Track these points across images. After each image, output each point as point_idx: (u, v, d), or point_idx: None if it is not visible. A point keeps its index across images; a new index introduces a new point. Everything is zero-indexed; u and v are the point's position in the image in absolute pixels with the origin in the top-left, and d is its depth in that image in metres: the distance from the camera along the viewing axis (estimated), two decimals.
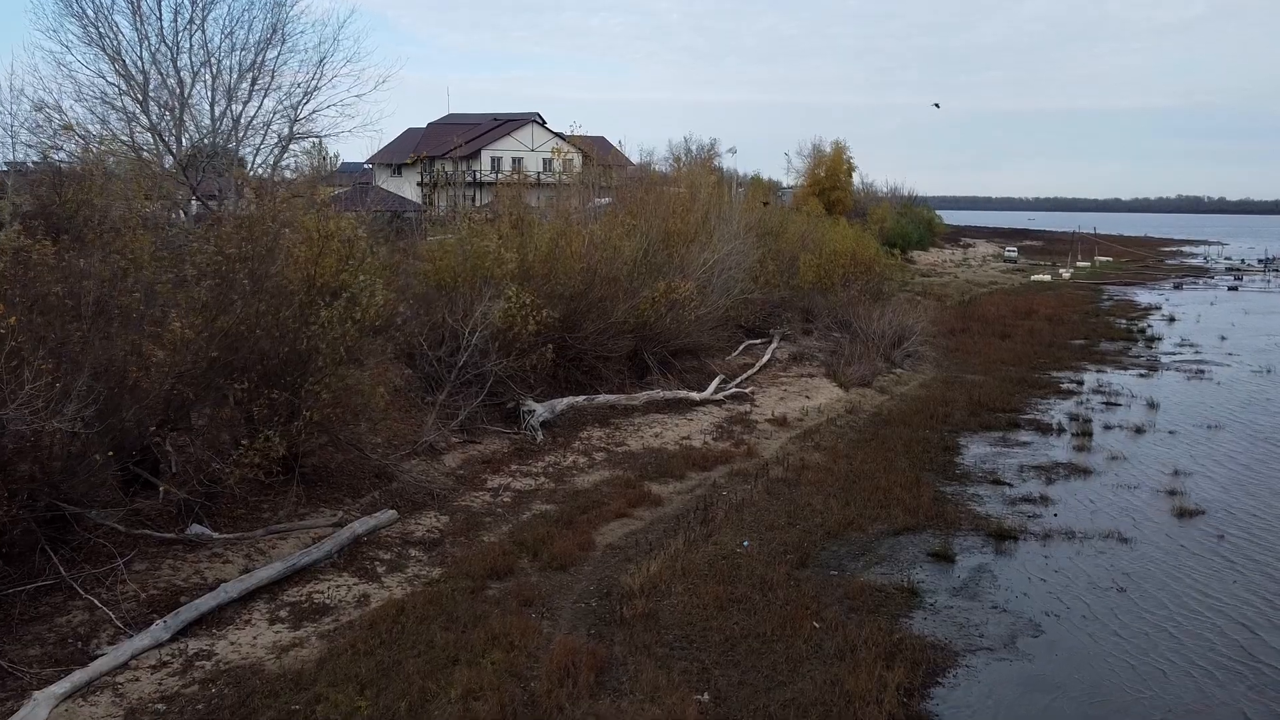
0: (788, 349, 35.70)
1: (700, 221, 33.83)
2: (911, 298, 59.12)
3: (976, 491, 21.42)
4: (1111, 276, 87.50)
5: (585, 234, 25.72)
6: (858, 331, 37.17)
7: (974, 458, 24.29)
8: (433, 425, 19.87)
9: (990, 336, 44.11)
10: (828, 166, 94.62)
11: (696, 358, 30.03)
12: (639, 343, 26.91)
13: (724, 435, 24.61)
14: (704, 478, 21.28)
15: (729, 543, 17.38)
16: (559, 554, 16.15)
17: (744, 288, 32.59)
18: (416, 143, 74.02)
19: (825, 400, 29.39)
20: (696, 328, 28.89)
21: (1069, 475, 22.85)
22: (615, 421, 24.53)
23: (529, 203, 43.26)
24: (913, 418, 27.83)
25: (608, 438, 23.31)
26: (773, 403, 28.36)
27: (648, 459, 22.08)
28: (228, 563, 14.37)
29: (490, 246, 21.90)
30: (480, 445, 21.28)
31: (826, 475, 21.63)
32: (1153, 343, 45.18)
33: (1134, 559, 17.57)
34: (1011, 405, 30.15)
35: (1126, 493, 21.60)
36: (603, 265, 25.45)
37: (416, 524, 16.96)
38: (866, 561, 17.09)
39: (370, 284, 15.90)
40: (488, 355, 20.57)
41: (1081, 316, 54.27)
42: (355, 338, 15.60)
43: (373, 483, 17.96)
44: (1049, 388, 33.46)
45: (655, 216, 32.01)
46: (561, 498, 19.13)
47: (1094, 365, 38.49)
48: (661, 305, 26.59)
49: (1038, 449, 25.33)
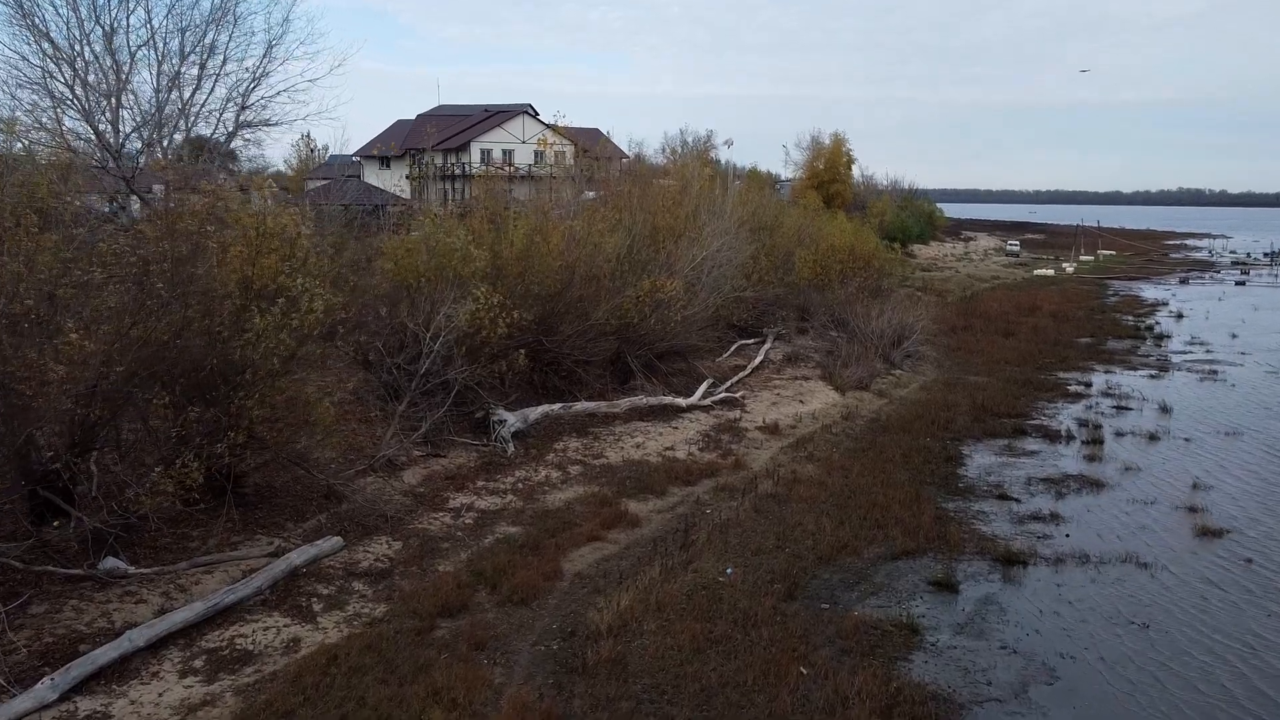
0: (782, 349, 34.11)
1: (690, 216, 32.21)
2: (912, 293, 57.50)
3: (981, 508, 19.86)
4: (1116, 271, 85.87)
5: (564, 230, 24.10)
6: (855, 330, 35.58)
7: (978, 469, 22.72)
8: (391, 438, 18.31)
9: (993, 334, 42.53)
10: (827, 159, 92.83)
11: (685, 360, 28.44)
12: (622, 345, 25.32)
13: (711, 445, 23.03)
14: (687, 493, 19.71)
15: (710, 570, 15.82)
16: (521, 586, 14.59)
17: (735, 285, 30.99)
18: (405, 135, 72.30)
19: (820, 405, 27.80)
20: (684, 329, 27.30)
21: (1080, 489, 21.28)
22: (594, 431, 22.95)
23: (517, 196, 41.74)
24: (913, 424, 26.25)
25: (585, 449, 21.73)
26: (764, 408, 26.76)
27: (627, 473, 20.50)
28: (142, 602, 12.80)
29: (457, 244, 20.29)
30: (445, 459, 19.70)
31: (820, 490, 20.07)
32: (1161, 341, 43.57)
33: (1155, 589, 15.99)
34: (1017, 409, 28.57)
35: (1143, 509, 20.03)
36: (582, 263, 23.85)
37: (365, 551, 15.38)
38: (861, 592, 15.53)
39: (310, 287, 14.28)
40: (452, 362, 18.97)
41: (1087, 313, 52.67)
42: (293, 347, 14.00)
43: (320, 504, 16.39)
44: (1056, 390, 31.88)
45: (642, 211, 30.38)
46: (530, 518, 17.56)
47: (1102, 365, 36.90)
48: (646, 305, 24.99)
49: (1046, 459, 23.76)
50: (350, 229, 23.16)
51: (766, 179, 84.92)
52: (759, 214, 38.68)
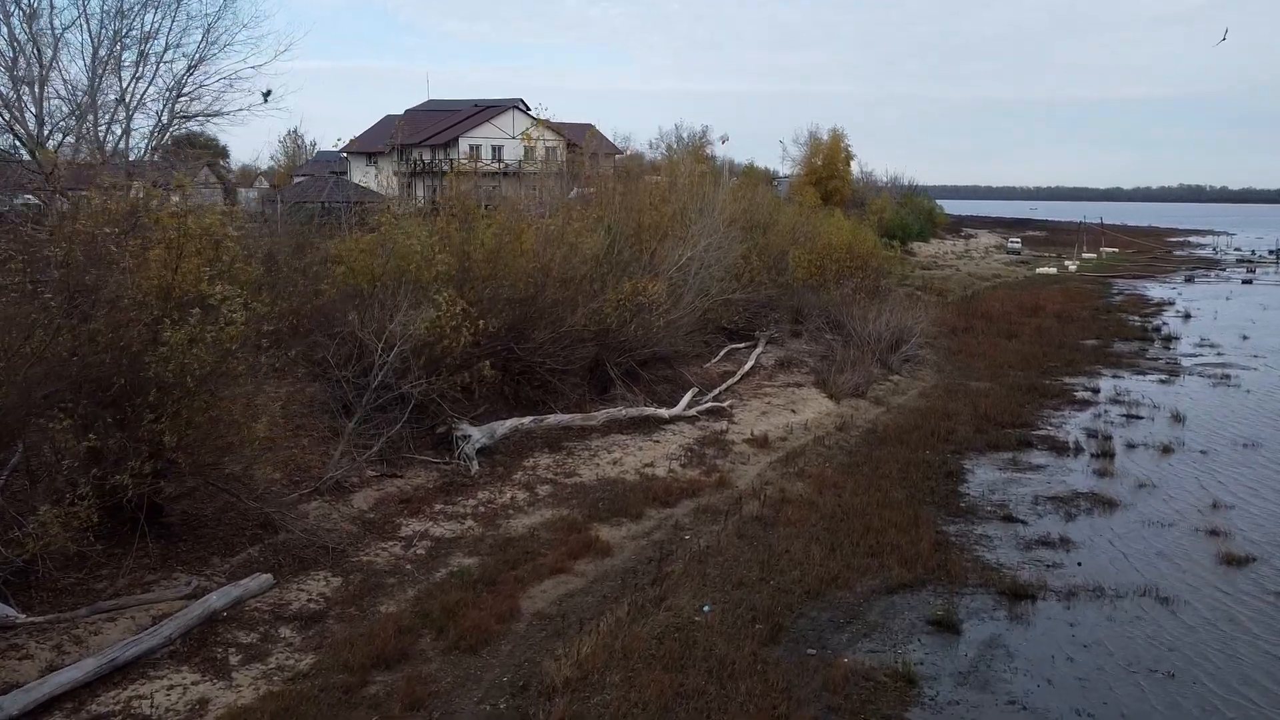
0: (774, 354, 32.52)
1: (679, 214, 30.59)
2: (911, 293, 55.90)
3: (985, 532, 18.30)
4: (1119, 269, 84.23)
5: (538, 229, 22.50)
6: (852, 333, 34.00)
7: (981, 486, 21.16)
8: (339, 459, 16.73)
9: (995, 336, 40.94)
10: (825, 155, 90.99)
11: (670, 366, 26.87)
12: (601, 352, 23.74)
13: (694, 460, 21.45)
14: (665, 516, 18.14)
15: (686, 608, 14.27)
16: (471, 629, 13.05)
17: (723, 287, 29.39)
18: (392, 131, 70.59)
19: (813, 414, 26.22)
20: (668, 334, 25.73)
21: (1092, 509, 19.73)
22: (568, 445, 21.37)
23: (505, 194, 40.12)
24: (911, 435, 24.68)
25: (557, 466, 20.15)
26: (753, 419, 25.18)
27: (601, 493, 18.93)
28: (28, 657, 11.24)
29: (416, 245, 18.71)
30: (402, 479, 18.13)
31: (810, 512, 18.51)
32: (1170, 343, 41.97)
33: (1177, 629, 14.43)
34: (1021, 418, 27.00)
35: (1160, 533, 18.47)
36: (557, 265, 22.26)
37: (299, 589, 13.82)
38: (853, 633, 13.98)
39: (230, 295, 12.69)
40: (408, 374, 17.38)
41: (1091, 313, 51.08)
42: (209, 362, 12.42)
43: (254, 535, 14.82)
44: (1062, 396, 30.30)
45: (624, 209, 28.79)
46: (489, 548, 15.99)
47: (1109, 369, 35.32)
48: (626, 310, 23.38)
49: (1053, 474, 22.20)
50: (311, 229, 21.52)
51: (763, 176, 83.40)
52: (751, 211, 37.04)
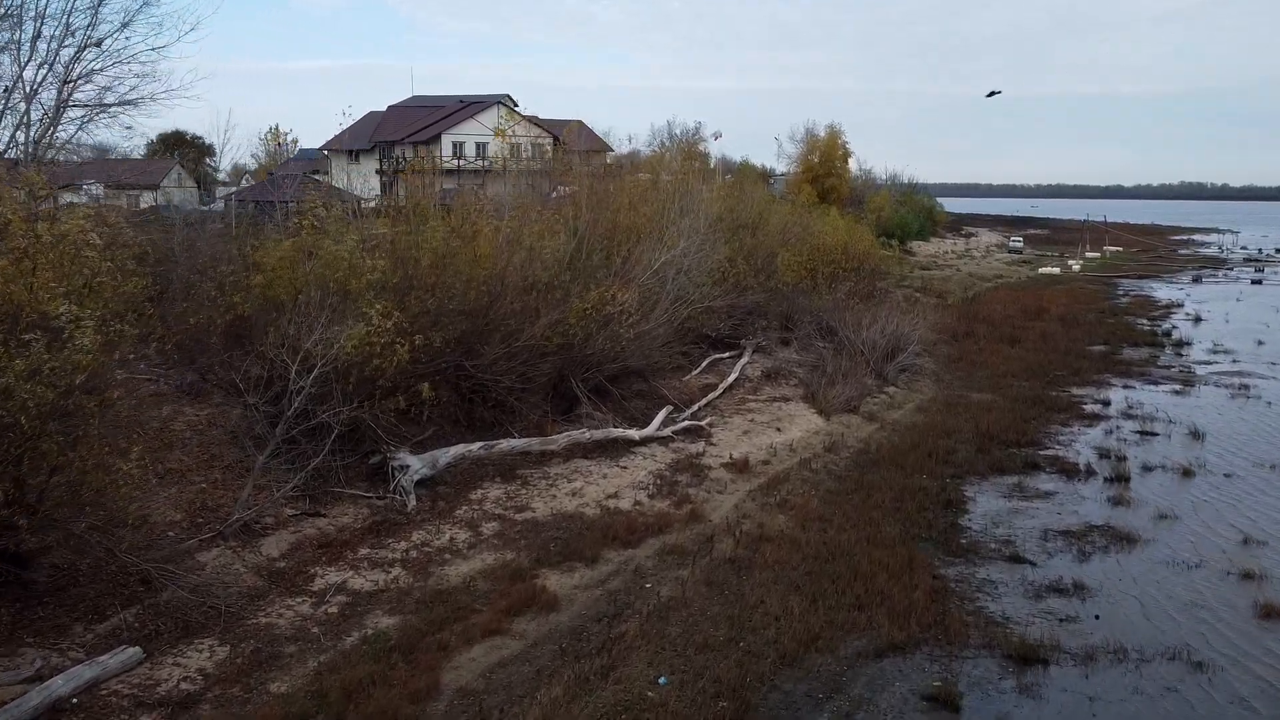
0: (761, 363, 30.34)
1: (660, 214, 28.41)
2: (910, 295, 53.79)
3: (988, 575, 16.16)
4: (1124, 268, 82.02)
5: (493, 231, 20.33)
6: (845, 341, 31.86)
7: (984, 517, 19.01)
8: (247, 499, 14.58)
9: (997, 342, 38.77)
10: (822, 152, 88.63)
11: (645, 380, 24.71)
12: (565, 368, 21.58)
13: (664, 490, 19.28)
14: (626, 559, 15.97)
15: (638, 680, 12.15)
16: (377, 715, 10.91)
17: (705, 293, 27.22)
18: (375, 127, 68.47)
19: (800, 433, 24.04)
20: (641, 345, 23.56)
21: (1108, 546, 17.58)
22: (524, 473, 19.21)
23: (489, 194, 37.95)
24: (907, 456, 22.53)
25: (509, 498, 17.99)
26: (734, 439, 23.00)
27: (554, 531, 16.77)
28: None
29: (344, 251, 16.55)
30: (327, 517, 15.98)
31: (791, 552, 16.35)
32: (1182, 348, 39.76)
33: (1216, 705, 12.28)
34: (1027, 436, 24.85)
35: (1187, 577, 16.32)
36: (514, 271, 20.11)
37: (175, 664, 11.66)
38: (833, 713, 11.85)
39: (80, 315, 10.55)
40: (330, 398, 15.22)
41: (1097, 316, 48.88)
42: (50, 398, 10.29)
43: (133, 594, 12.67)
44: (1070, 410, 28.13)
45: (591, 208, 26.59)
46: (415, 602, 13.84)
47: (1119, 378, 33.14)
48: (593, 320, 21.21)
49: (1064, 502, 20.05)
50: (243, 232, 19.38)
51: (758, 173, 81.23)
52: (738, 210, 34.86)
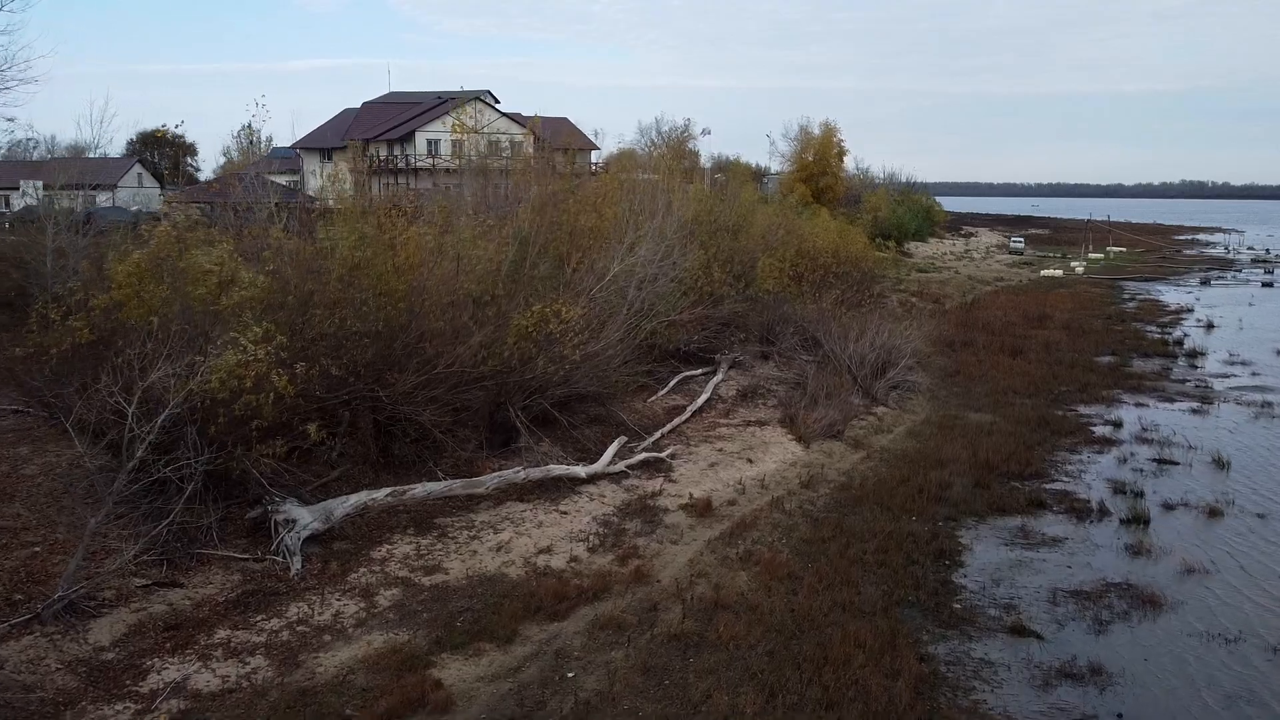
0: (737, 381, 27.58)
1: (630, 216, 25.64)
2: (905, 299, 51.12)
3: (987, 654, 13.43)
4: (1128, 270, 79.28)
5: (418, 238, 17.56)
6: (831, 355, 29.12)
7: (981, 573, 16.28)
8: (74, 572, 11.82)
9: (998, 353, 36.00)
10: (816, 150, 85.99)
11: (602, 405, 21.97)
12: (501, 395, 18.82)
13: (608, 540, 16.52)
14: (549, 637, 13.22)
15: None
16: None
17: (670, 305, 24.47)
18: (348, 125, 65.71)
19: (774, 465, 21.29)
20: (597, 366, 20.81)
21: (1128, 611, 14.85)
22: (445, 522, 16.46)
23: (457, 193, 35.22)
24: (894, 492, 19.81)
25: (419, 556, 15.22)
26: (698, 473, 20.24)
27: (466, 600, 14.01)
28: None
29: (208, 264, 13.82)
30: (185, 587, 13.23)
31: (750, 625, 13.63)
32: (1196, 359, 37.01)
33: None
34: (1031, 466, 22.11)
35: (1226, 653, 13.61)
36: (440, 285, 17.38)
37: None
38: None
39: None
40: (176, 448, 12.48)
41: (1104, 323, 46.13)
42: None
43: None
44: (1078, 433, 25.38)
45: (557, 210, 23.86)
46: (270, 708, 11.09)
47: (1130, 395, 30.41)
48: (530, 342, 18.45)
49: (1074, 551, 17.33)
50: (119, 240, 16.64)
51: (748, 172, 78.47)
52: (717, 212, 32.10)
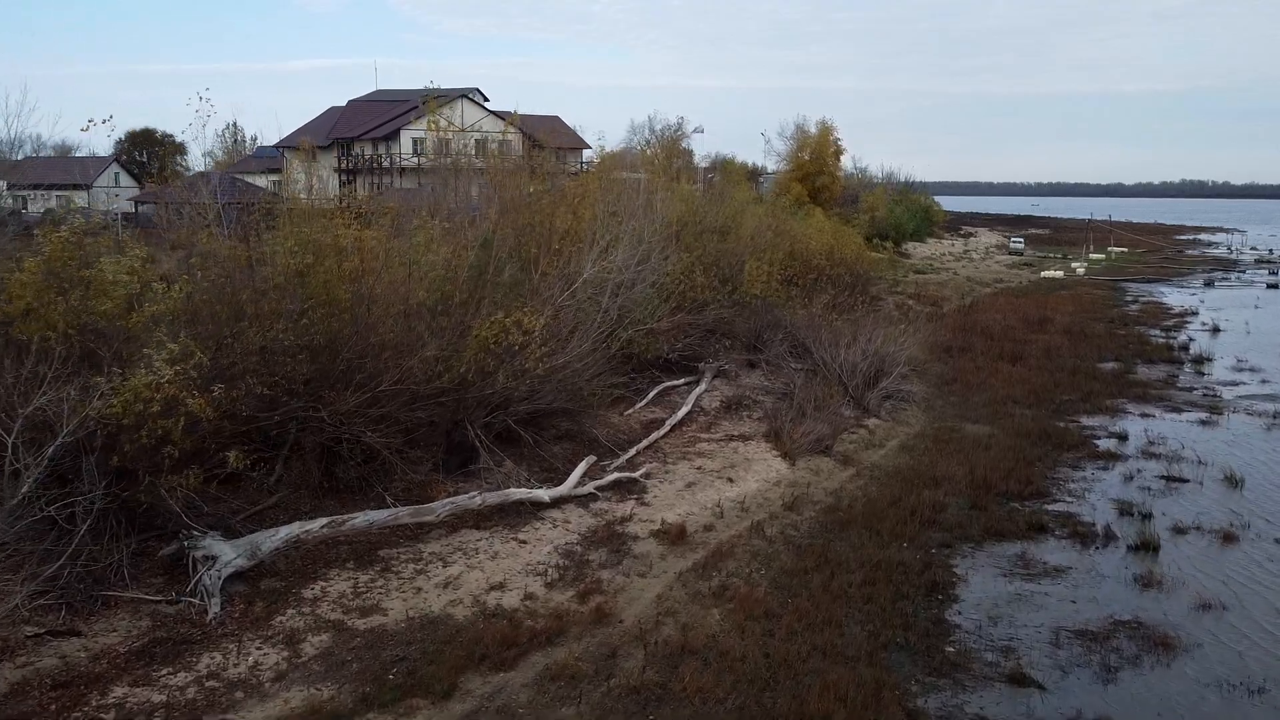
0: (722, 392, 26.18)
1: (605, 219, 24.25)
2: (902, 302, 49.74)
3: (983, 708, 12.05)
4: (1130, 270, 77.87)
5: (362, 245, 16.15)
6: (822, 363, 27.73)
7: (977, 609, 14.88)
8: None
9: (996, 359, 34.61)
10: (813, 149, 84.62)
11: (573, 419, 20.57)
12: (458, 412, 17.41)
13: (569, 572, 15.11)
14: (492, 691, 11.81)
15: None
16: None
17: (649, 312, 23.08)
18: (332, 124, 64.31)
19: (757, 485, 19.89)
20: (566, 379, 19.42)
21: (1140, 656, 13.46)
22: (390, 554, 15.05)
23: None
24: (885, 515, 18.42)
25: (355, 593, 13.81)
26: (673, 495, 18.84)
27: (403, 645, 12.59)
28: None
29: (115, 274, 12.43)
30: (85, 635, 11.83)
31: (720, 674, 12.23)
32: (1203, 365, 35.60)
33: None
34: (1031, 485, 20.72)
35: (1250, 706, 12.22)
36: (387, 293, 15.99)
37: None
38: None
39: None
40: (74, 479, 11.11)
41: (1106, 326, 44.71)
42: None
43: None
44: (1081, 447, 23.99)
45: (525, 211, 22.47)
46: None
47: (1135, 404, 29.02)
48: (490, 355, 17.04)
49: (1079, 583, 15.95)
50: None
51: (742, 170, 77.11)
52: (704, 212, 30.70)
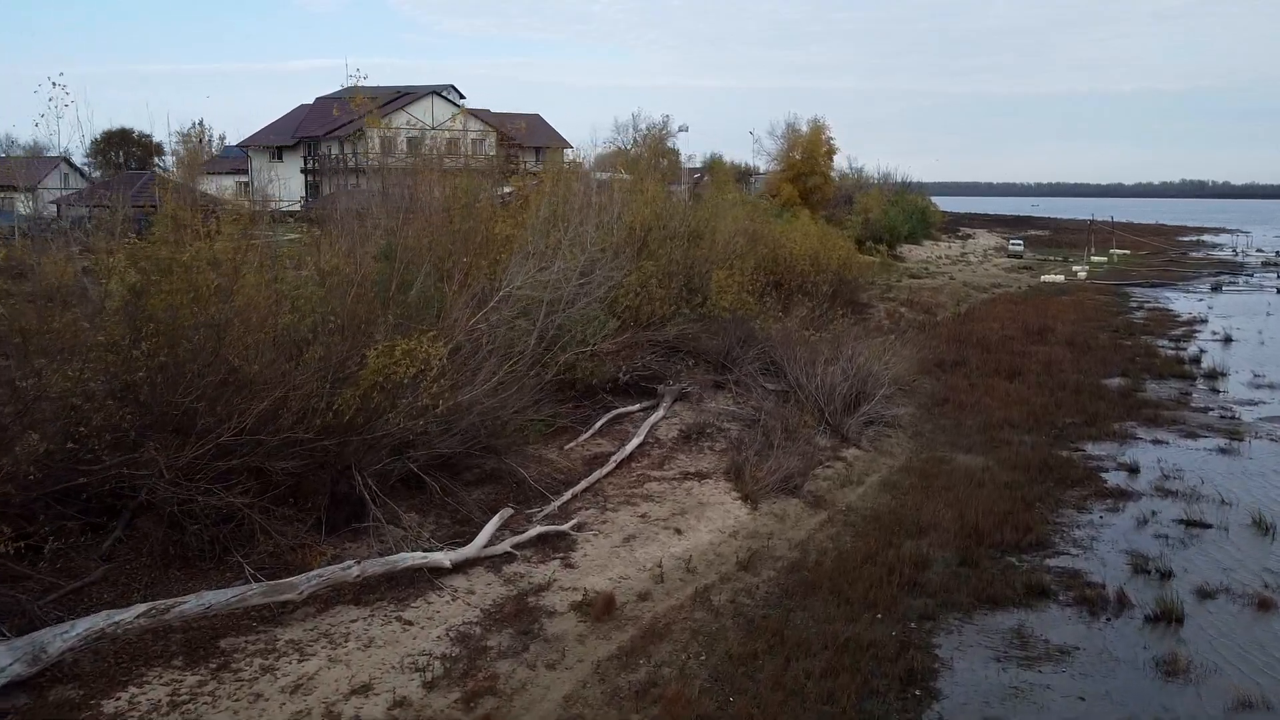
0: (683, 418, 23.29)
1: (542, 224, 21.44)
2: (893, 309, 46.89)
3: None
4: (1133, 273, 75.02)
5: (232, 255, 13.33)
6: (795, 385, 24.90)
7: (963, 711, 12.02)
8: None
9: (993, 375, 31.81)
10: (804, 148, 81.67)
11: (498, 457, 17.71)
12: (342, 458, 14.52)
13: (458, 666, 12.22)
14: None
15: None
16: None
17: (590, 333, 20.24)
18: (299, 122, 61.46)
19: (710, 536, 17.01)
20: (486, 413, 16.56)
21: None
22: (236, 642, 12.18)
23: None
24: (857, 575, 15.57)
25: (173, 704, 10.91)
26: (607, 551, 15.95)
27: None
28: None
29: None
30: None
31: None
32: (1216, 381, 32.76)
33: None
34: (1031, 532, 17.88)
35: None
36: (242, 318, 13.17)
37: None
38: None
39: None
40: None
41: (1111, 337, 41.84)
42: None
43: None
44: (1087, 483, 21.15)
45: (471, 218, 19.63)
46: None
47: (1145, 428, 26.19)
48: (378, 392, 14.20)
49: (1087, 669, 13.11)
50: None
51: (732, 171, 74.30)
52: (667, 216, 27.87)
